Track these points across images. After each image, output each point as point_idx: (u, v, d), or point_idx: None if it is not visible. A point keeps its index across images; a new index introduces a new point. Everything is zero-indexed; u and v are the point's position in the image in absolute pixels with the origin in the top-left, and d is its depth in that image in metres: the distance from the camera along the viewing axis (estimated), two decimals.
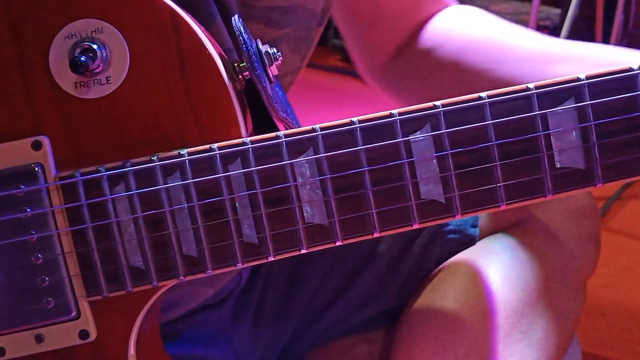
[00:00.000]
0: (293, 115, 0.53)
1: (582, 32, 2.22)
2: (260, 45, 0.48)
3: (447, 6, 0.77)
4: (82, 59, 0.44)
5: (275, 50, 0.49)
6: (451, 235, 0.70)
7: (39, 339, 0.47)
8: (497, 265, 0.66)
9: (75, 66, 0.44)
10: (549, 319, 0.66)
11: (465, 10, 0.76)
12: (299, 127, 0.50)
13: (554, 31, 2.31)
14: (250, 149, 0.45)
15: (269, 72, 0.48)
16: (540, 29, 2.31)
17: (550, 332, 0.66)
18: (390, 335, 0.68)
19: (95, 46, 0.45)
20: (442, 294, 0.67)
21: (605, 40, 2.16)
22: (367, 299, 0.71)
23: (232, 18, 0.48)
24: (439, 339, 0.64)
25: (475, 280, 0.66)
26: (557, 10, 2.42)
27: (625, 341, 1.32)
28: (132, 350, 0.48)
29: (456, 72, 0.70)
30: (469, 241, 0.70)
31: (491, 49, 0.69)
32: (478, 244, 0.70)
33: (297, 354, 0.72)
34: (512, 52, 0.68)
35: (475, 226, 0.70)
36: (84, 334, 0.47)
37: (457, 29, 0.73)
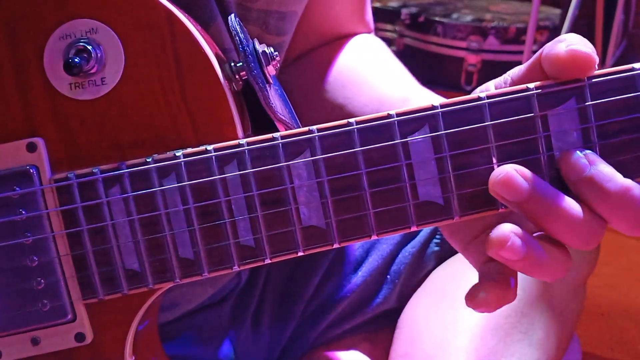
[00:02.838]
0: (292, 115, 0.53)
1: (582, 32, 2.22)
2: (257, 45, 0.48)
3: (367, 31, 0.77)
4: (76, 60, 0.44)
5: (272, 49, 0.48)
6: None
7: (35, 341, 0.47)
8: None
9: (69, 68, 0.44)
10: (548, 318, 0.66)
11: (363, 42, 0.76)
12: (298, 127, 0.50)
13: (554, 31, 2.31)
14: (246, 150, 0.44)
15: (266, 72, 0.48)
16: (540, 29, 2.30)
17: (550, 331, 0.66)
18: (391, 335, 0.68)
19: (90, 47, 0.45)
20: (441, 295, 0.67)
21: (606, 40, 2.16)
22: (367, 299, 0.71)
23: (229, 17, 0.48)
24: (439, 340, 0.64)
25: (475, 280, 0.65)
26: (557, 11, 2.42)
27: (625, 341, 1.32)
28: (128, 352, 0.47)
29: (323, 97, 0.71)
30: None
31: (348, 85, 0.70)
32: None
33: (297, 354, 0.72)
34: (358, 93, 0.70)
35: None
36: (80, 337, 0.47)
37: (343, 58, 0.73)
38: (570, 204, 0.42)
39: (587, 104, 0.43)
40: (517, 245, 0.42)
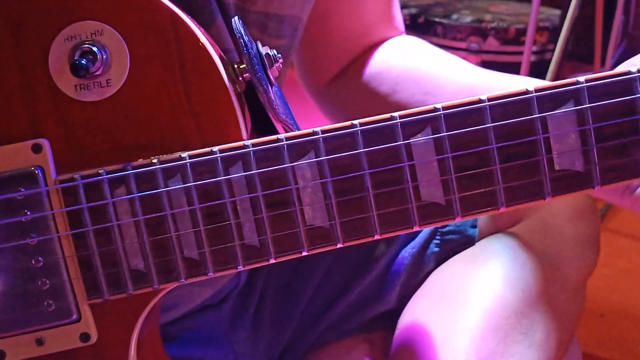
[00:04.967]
0: (292, 117, 0.53)
1: (581, 33, 2.22)
2: (260, 47, 0.48)
3: (399, 34, 0.78)
4: (82, 62, 0.44)
5: (275, 52, 0.49)
6: (451, 236, 0.70)
7: (39, 342, 0.47)
8: (497, 266, 0.66)
9: (76, 69, 0.44)
10: (549, 319, 0.66)
11: (408, 41, 0.77)
12: (297, 128, 0.50)
13: (554, 32, 2.31)
14: (251, 151, 0.45)
15: (269, 74, 0.48)
16: (540, 30, 2.30)
17: (551, 332, 0.66)
18: (391, 336, 0.68)
19: (95, 49, 0.45)
20: (441, 296, 0.67)
21: (605, 41, 2.15)
22: (367, 300, 0.71)
23: (232, 20, 0.48)
24: (439, 341, 0.64)
25: (475, 281, 0.66)
26: (557, 11, 2.42)
27: (625, 342, 1.32)
28: (132, 352, 0.48)
29: (387, 101, 0.71)
30: (468, 241, 0.70)
31: (422, 81, 0.70)
32: (477, 244, 0.70)
33: (297, 355, 0.72)
34: (441, 84, 0.70)
35: (474, 226, 0.70)
36: (85, 337, 0.47)
37: (395, 59, 0.74)
38: None
39: (584, 106, 0.44)
40: None
